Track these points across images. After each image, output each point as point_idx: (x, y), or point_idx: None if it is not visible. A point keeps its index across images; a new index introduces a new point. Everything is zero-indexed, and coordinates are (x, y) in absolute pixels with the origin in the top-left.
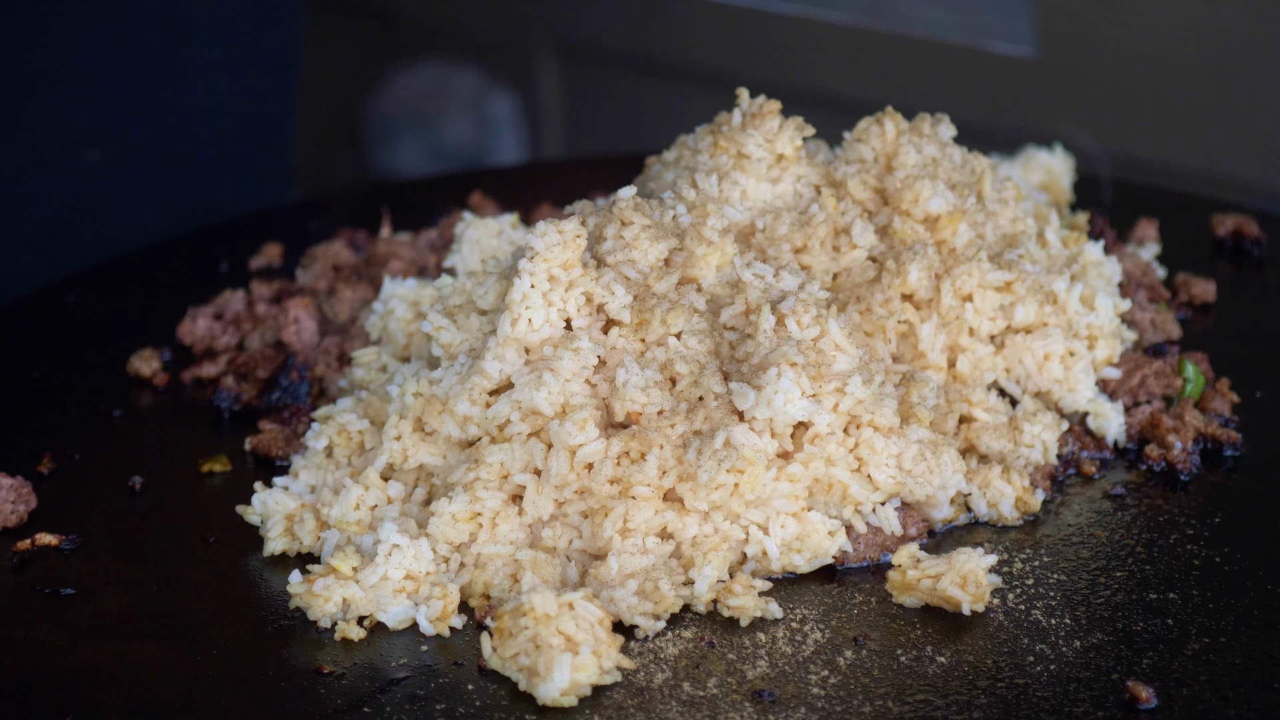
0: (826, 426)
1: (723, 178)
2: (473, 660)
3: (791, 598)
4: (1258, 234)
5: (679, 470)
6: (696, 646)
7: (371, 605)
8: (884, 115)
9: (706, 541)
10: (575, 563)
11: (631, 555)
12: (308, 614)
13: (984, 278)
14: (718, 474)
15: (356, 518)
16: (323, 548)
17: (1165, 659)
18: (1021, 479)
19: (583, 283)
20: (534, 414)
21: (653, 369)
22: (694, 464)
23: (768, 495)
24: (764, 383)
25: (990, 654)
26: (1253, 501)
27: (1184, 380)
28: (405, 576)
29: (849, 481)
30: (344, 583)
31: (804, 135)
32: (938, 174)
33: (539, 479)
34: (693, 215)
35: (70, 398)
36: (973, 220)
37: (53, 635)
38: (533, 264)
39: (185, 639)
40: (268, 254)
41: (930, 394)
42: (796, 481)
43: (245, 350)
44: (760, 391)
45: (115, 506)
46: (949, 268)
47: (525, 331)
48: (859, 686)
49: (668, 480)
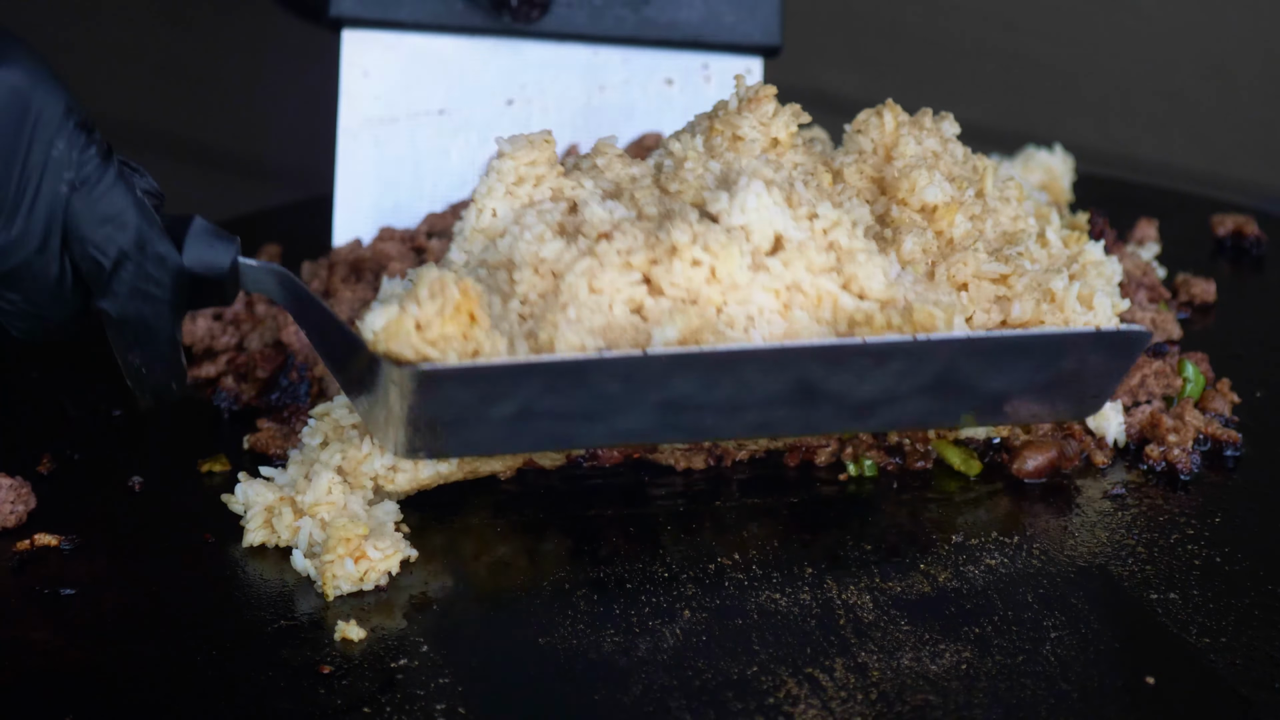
0: (805, 236)
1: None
2: (474, 660)
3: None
4: (1258, 234)
5: (649, 255)
6: (695, 641)
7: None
8: (884, 107)
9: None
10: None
11: (593, 312)
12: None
13: (979, 267)
14: (690, 247)
15: (329, 500)
16: (298, 538)
17: (1165, 659)
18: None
19: (551, 178)
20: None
21: (620, 205)
22: (665, 241)
23: (747, 287)
24: (738, 190)
25: (990, 654)
26: (1253, 501)
27: (1184, 380)
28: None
29: (837, 293)
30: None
31: (800, 122)
32: (937, 166)
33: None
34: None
35: (70, 398)
36: (971, 213)
37: (53, 635)
38: (501, 161)
39: (185, 639)
40: (267, 254)
41: (914, 243)
42: (777, 277)
43: (245, 350)
44: (734, 195)
45: (115, 506)
46: (945, 256)
47: (490, 222)
48: (859, 686)
49: (636, 259)
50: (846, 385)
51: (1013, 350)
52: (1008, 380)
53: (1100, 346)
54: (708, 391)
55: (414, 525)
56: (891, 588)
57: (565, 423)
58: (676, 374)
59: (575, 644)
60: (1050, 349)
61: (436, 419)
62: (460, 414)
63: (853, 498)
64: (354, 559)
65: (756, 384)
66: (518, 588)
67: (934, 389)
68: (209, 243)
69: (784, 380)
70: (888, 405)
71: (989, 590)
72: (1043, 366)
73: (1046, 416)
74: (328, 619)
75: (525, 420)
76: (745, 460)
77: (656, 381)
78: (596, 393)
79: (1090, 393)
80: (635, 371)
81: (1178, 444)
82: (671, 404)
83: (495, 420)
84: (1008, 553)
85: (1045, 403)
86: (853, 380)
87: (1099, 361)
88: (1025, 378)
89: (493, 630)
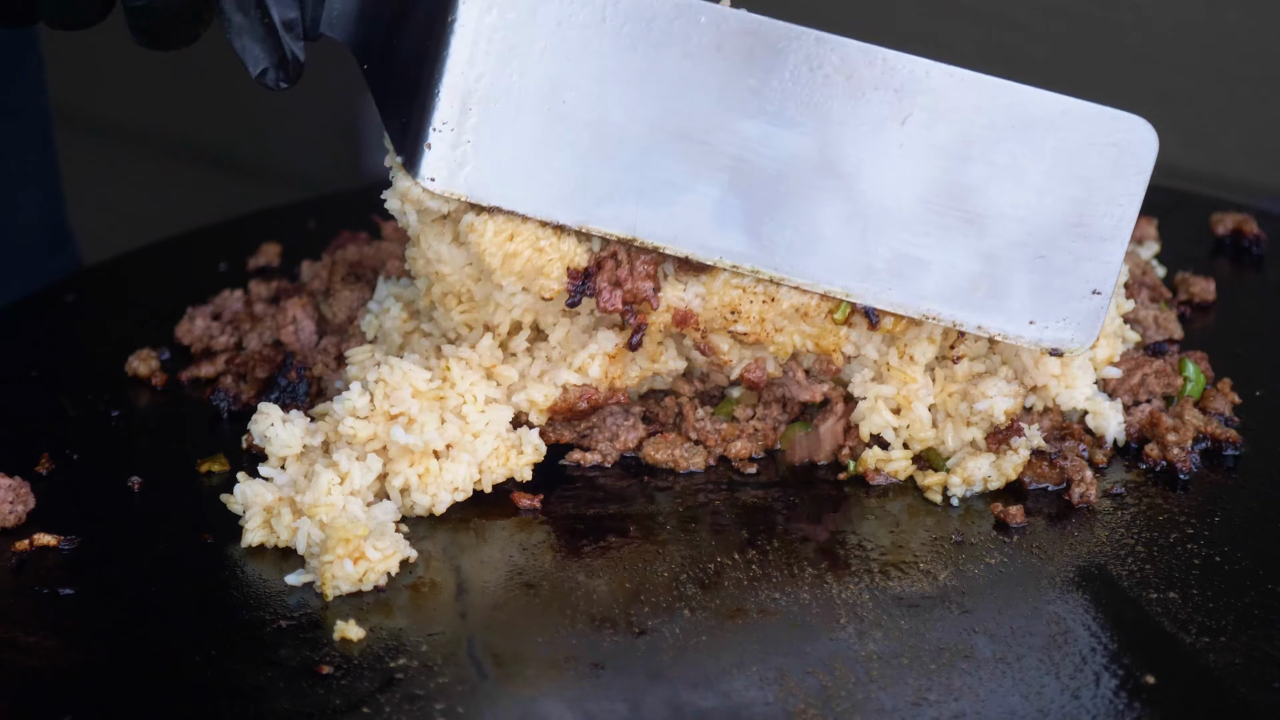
0: None
1: None
2: (473, 660)
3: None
4: (1258, 233)
5: None
6: (695, 641)
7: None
8: None
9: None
10: None
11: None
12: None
13: None
14: None
15: (328, 502)
16: (296, 539)
17: (1165, 658)
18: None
19: None
20: None
21: None
22: None
23: None
24: None
25: (990, 654)
26: (1253, 501)
27: (1184, 379)
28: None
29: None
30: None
31: None
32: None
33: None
34: None
35: (69, 398)
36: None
37: (52, 635)
38: None
39: (184, 639)
40: (266, 254)
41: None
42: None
43: (243, 350)
44: None
45: (114, 506)
46: None
47: None
48: (858, 686)
49: None
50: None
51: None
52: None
53: (1101, 126)
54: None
55: (413, 525)
56: (891, 587)
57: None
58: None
59: (575, 644)
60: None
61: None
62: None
63: (853, 498)
64: (353, 560)
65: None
66: (518, 588)
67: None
68: None
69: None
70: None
71: (989, 589)
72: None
73: (1039, 313)
74: (326, 619)
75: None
76: (745, 460)
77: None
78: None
79: (1087, 276)
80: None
81: (1177, 443)
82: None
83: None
84: (1007, 552)
85: (1039, 272)
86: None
87: (1102, 166)
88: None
89: (492, 630)
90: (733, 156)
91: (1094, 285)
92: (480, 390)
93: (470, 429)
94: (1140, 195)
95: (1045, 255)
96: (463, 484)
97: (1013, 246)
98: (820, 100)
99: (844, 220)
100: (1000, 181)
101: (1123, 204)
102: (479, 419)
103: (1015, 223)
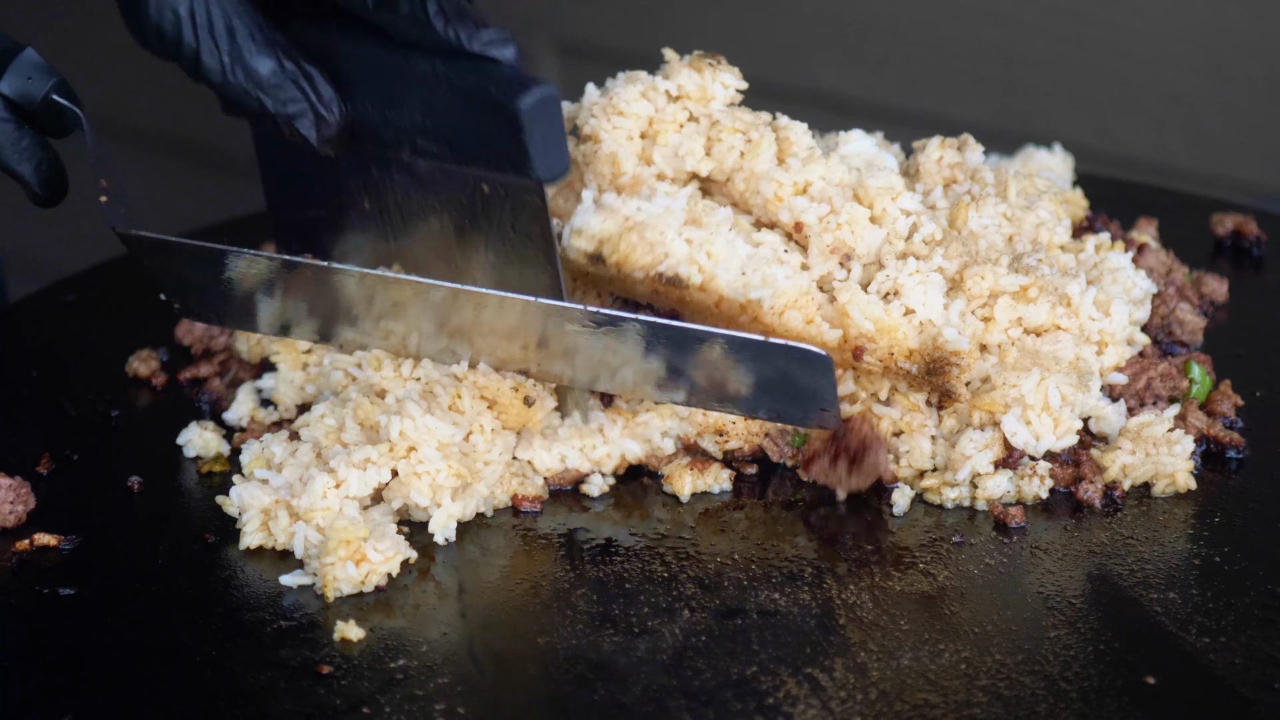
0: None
1: None
2: (473, 660)
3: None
4: (1258, 234)
5: None
6: (695, 641)
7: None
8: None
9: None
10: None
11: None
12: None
13: (998, 282)
14: None
15: (324, 506)
16: (294, 542)
17: (1165, 659)
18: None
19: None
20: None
21: None
22: None
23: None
24: None
25: (990, 654)
26: (1253, 501)
27: (1190, 381)
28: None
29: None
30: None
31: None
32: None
33: None
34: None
35: (69, 398)
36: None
37: (52, 635)
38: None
39: (184, 639)
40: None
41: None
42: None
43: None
44: None
45: (114, 506)
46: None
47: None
48: (858, 686)
49: None
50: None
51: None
52: (728, 372)
53: (786, 358)
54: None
55: (413, 526)
56: (891, 587)
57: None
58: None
59: (575, 644)
60: (735, 350)
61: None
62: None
63: (853, 497)
64: (354, 561)
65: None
66: (517, 587)
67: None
68: (29, 73)
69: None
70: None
71: (989, 590)
72: (743, 365)
73: (782, 418)
74: (327, 619)
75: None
76: (746, 458)
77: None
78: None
79: (814, 404)
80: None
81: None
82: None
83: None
84: (1008, 552)
85: (772, 402)
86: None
87: (798, 371)
88: (738, 374)
89: (492, 630)
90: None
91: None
92: (487, 420)
93: (480, 457)
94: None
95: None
96: (466, 514)
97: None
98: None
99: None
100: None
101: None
102: (487, 447)
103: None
